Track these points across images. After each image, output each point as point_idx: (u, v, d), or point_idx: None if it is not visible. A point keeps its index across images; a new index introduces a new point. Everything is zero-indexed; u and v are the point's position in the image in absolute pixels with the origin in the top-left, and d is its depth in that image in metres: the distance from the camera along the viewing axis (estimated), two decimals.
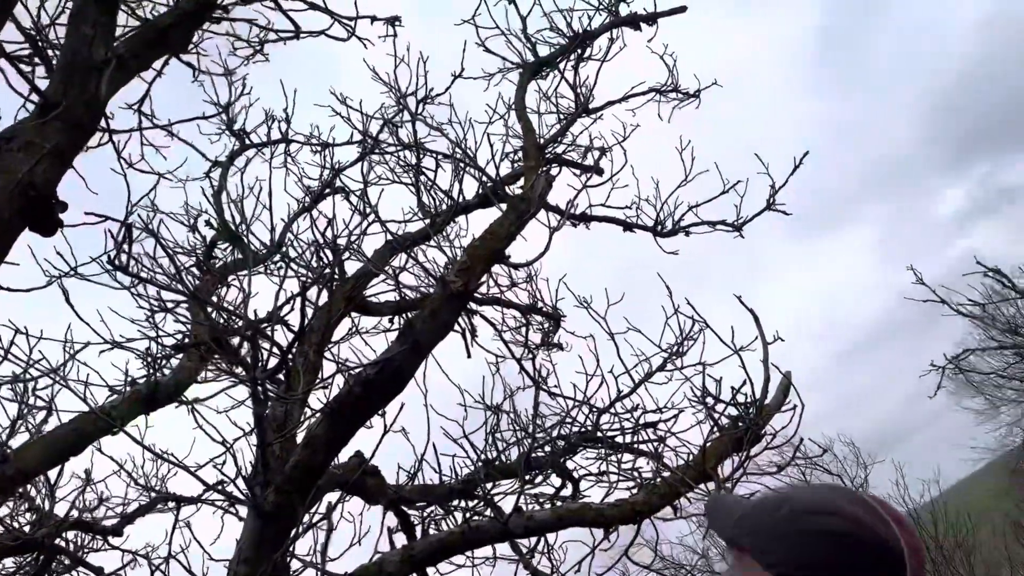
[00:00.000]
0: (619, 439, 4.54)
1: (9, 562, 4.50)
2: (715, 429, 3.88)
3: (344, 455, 3.83)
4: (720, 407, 3.87)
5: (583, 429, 4.61)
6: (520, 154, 5.29)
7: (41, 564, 4.41)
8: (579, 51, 5.68)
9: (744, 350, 3.95)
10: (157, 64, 3.55)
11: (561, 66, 5.70)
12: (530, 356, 5.94)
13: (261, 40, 4.69)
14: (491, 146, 4.84)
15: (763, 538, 1.14)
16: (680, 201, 5.30)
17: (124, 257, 3.48)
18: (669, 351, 4.52)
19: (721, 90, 5.99)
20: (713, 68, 6.18)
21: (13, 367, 3.55)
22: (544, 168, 4.73)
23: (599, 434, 4.60)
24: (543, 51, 5.69)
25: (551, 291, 6.54)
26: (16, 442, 3.85)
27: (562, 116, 5.72)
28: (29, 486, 4.30)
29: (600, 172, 5.62)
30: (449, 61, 5.35)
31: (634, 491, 3.94)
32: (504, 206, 4.15)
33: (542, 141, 5.24)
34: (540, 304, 6.18)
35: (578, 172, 5.78)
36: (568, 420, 4.65)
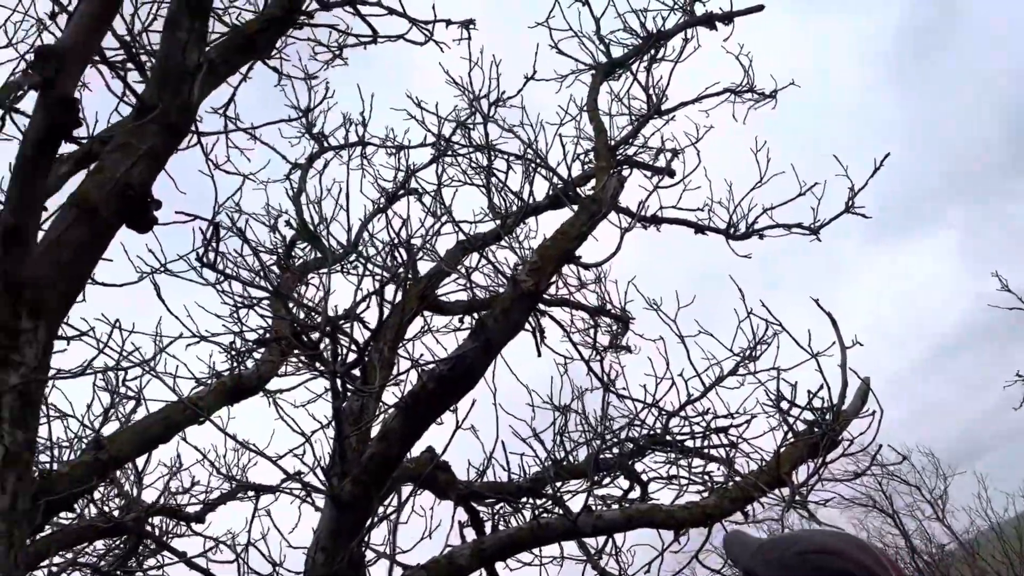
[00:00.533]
0: (689, 443, 4.50)
1: (99, 544, 4.73)
2: (790, 434, 3.82)
3: (415, 450, 3.91)
4: (795, 412, 3.80)
5: (652, 432, 4.59)
6: (591, 155, 5.31)
7: (129, 547, 4.62)
8: (652, 52, 5.66)
9: (821, 355, 3.87)
10: (243, 68, 3.71)
11: (634, 67, 5.69)
12: (598, 358, 5.95)
13: (340, 45, 4.83)
14: (563, 147, 4.87)
15: (775, 569, 1.25)
16: (754, 203, 5.23)
17: (212, 255, 3.65)
18: (742, 355, 4.46)
19: (798, 90, 5.88)
20: (790, 67, 6.08)
21: (107, 359, 3.75)
22: (616, 169, 4.73)
23: (668, 437, 4.57)
24: (616, 52, 5.69)
25: (620, 293, 6.51)
26: (107, 430, 4.07)
27: (634, 117, 5.71)
28: (119, 472, 4.52)
29: (672, 174, 5.59)
30: (522, 63, 5.41)
31: (704, 495, 3.90)
32: (575, 207, 4.17)
33: (613, 142, 5.24)
34: (608, 306, 6.17)
35: (649, 174, 5.76)
36: (637, 422, 4.64)
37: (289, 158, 5.63)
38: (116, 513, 4.54)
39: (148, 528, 4.59)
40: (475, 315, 5.32)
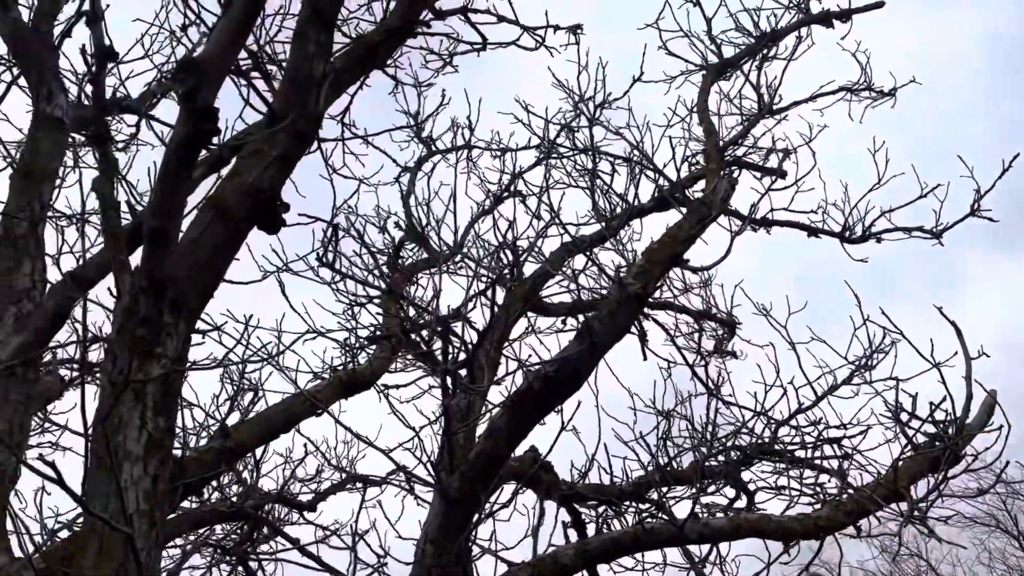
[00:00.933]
0: (799, 453, 4.39)
1: (218, 528, 5.01)
2: (908, 447, 3.66)
3: (519, 449, 3.97)
4: (915, 424, 3.65)
5: (760, 441, 4.50)
6: (700, 157, 5.24)
7: (247, 532, 4.88)
8: (765, 51, 5.54)
9: (943, 365, 3.70)
10: (362, 77, 3.85)
11: (745, 67, 5.58)
12: (703, 363, 5.86)
13: (451, 53, 4.95)
14: (671, 149, 4.81)
15: None
16: (871, 206, 5.05)
17: (330, 255, 3.82)
18: (857, 363, 4.31)
19: (919, 88, 5.63)
20: (910, 64, 5.83)
21: (232, 354, 3.97)
22: (726, 171, 4.66)
23: (777, 447, 4.47)
24: (727, 52, 5.60)
25: (726, 297, 6.38)
26: (229, 421, 4.31)
27: (744, 118, 5.60)
28: (239, 462, 4.77)
29: (784, 175, 5.45)
30: (629, 66, 5.39)
31: (816, 507, 3.80)
32: (683, 209, 4.14)
33: (723, 143, 5.16)
34: (715, 310, 6.07)
35: (760, 175, 5.64)
36: (744, 430, 4.55)
37: (399, 162, 5.80)
38: (236, 499, 4.80)
39: (264, 515, 4.84)
40: (579, 317, 5.35)
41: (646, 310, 5.75)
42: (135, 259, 2.65)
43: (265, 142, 2.78)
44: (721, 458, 4.55)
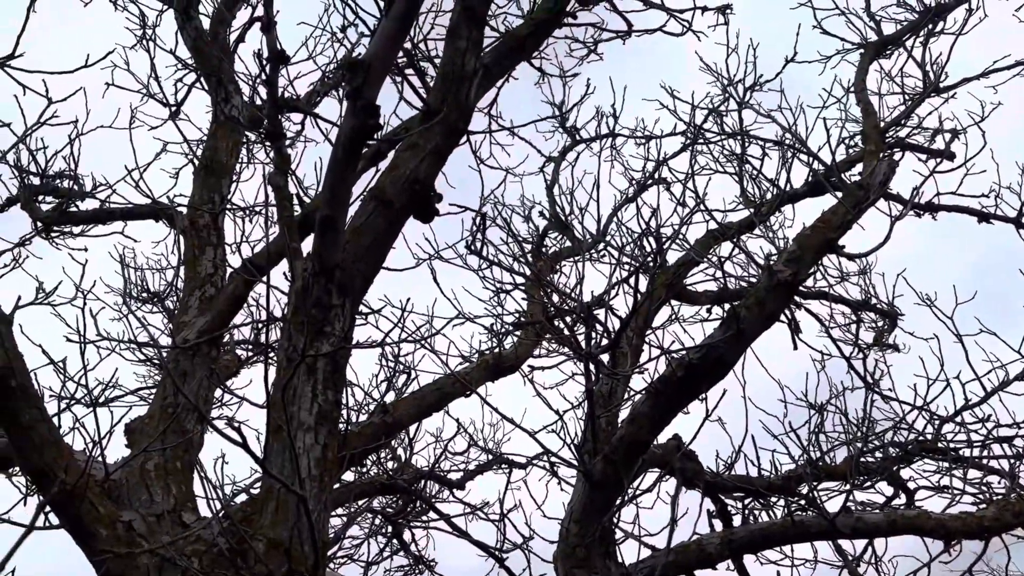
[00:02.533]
0: (965, 451, 4.14)
1: (374, 503, 5.32)
2: None
3: (662, 437, 3.98)
4: None
5: (921, 437, 4.27)
6: (858, 139, 5.00)
7: (402, 505, 5.17)
8: (930, 26, 5.20)
9: None
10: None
11: (908, 43, 5.26)
12: (860, 356, 5.59)
13: (596, 41, 4.97)
14: (826, 131, 4.61)
15: None
16: None
17: (478, 243, 3.97)
18: None
19: None
20: None
21: (389, 337, 4.20)
22: (886, 153, 4.43)
23: (941, 444, 4.23)
24: (887, 29, 5.31)
25: (887, 286, 6.05)
26: (386, 399, 4.57)
27: (907, 97, 5.29)
28: (394, 441, 5.05)
29: (951, 157, 5.12)
30: (781, 46, 5.22)
31: (981, 507, 3.57)
32: (839, 194, 3.98)
33: (883, 124, 4.90)
34: (874, 300, 5.78)
35: (924, 157, 5.32)
36: (903, 426, 4.34)
37: (544, 152, 5.89)
38: (392, 474, 5.08)
39: (417, 490, 5.09)
40: (725, 306, 5.25)
41: (799, 299, 5.56)
42: (305, 246, 2.89)
43: (420, 136, 2.94)
44: (878, 454, 4.36)
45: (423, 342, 3.68)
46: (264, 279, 2.77)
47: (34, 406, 2.71)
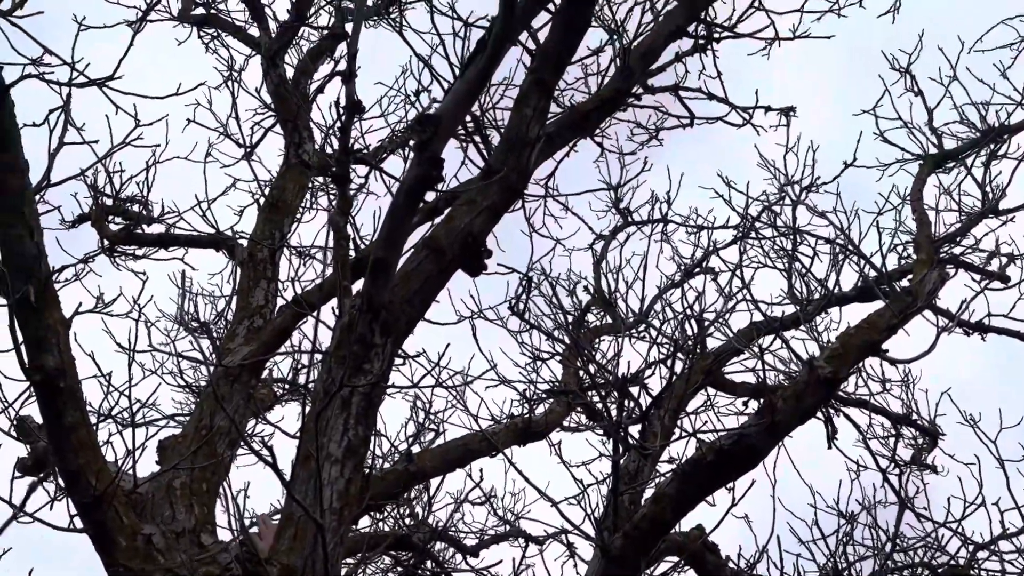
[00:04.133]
0: None
1: (385, 558, 5.27)
2: None
3: (685, 525, 3.91)
4: None
5: (954, 561, 4.13)
6: (910, 249, 5.00)
7: (413, 563, 5.10)
8: (991, 146, 5.23)
9: None
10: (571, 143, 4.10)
11: (968, 161, 5.30)
12: (896, 471, 5.45)
13: (658, 127, 5.12)
14: (879, 237, 4.63)
15: None
16: None
17: (522, 305, 4.04)
18: None
19: None
20: None
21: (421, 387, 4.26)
22: (937, 265, 4.42)
23: (973, 571, 4.08)
24: (948, 144, 5.36)
25: (929, 403, 5.93)
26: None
27: (963, 214, 5.29)
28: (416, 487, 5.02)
29: (1005, 280, 5.08)
30: (840, 150, 5.29)
31: None
32: (887, 300, 3.98)
33: (937, 237, 4.90)
34: (915, 415, 5.66)
35: (977, 276, 5.28)
36: (936, 548, 4.20)
37: (595, 228, 5.99)
38: (407, 527, 5.03)
39: (430, 549, 5.03)
40: (760, 400, 5.19)
41: (838, 404, 5.48)
42: (355, 287, 2.99)
43: (478, 193, 3.06)
44: (906, 573, 4.21)
45: (455, 394, 3.72)
46: (313, 313, 2.86)
47: (78, 409, 2.81)
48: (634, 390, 4.09)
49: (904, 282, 4.87)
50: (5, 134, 2.61)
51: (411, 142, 4.37)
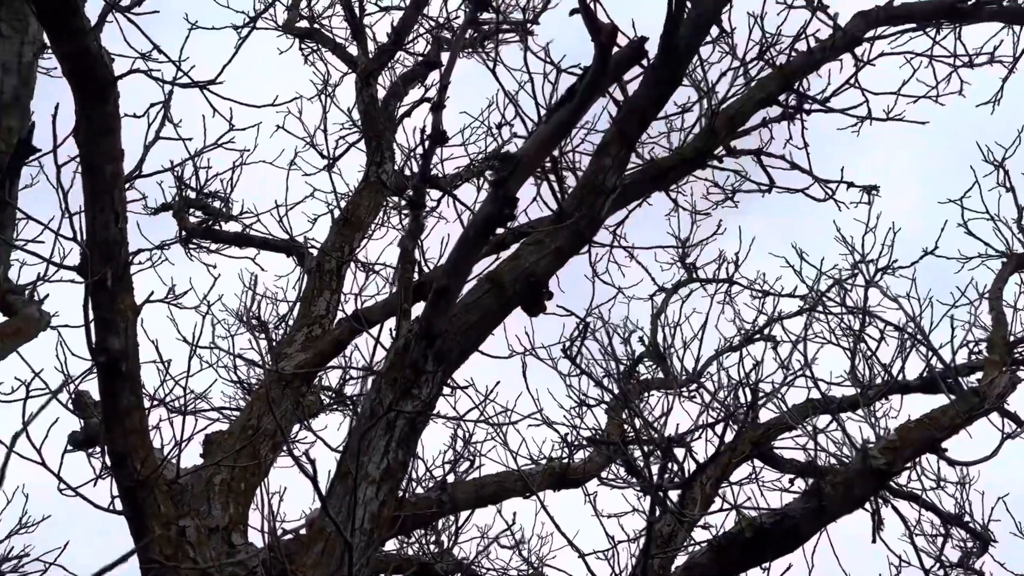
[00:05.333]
0: None
1: None
2: None
3: None
4: None
5: None
6: (983, 347, 4.82)
7: None
8: None
9: None
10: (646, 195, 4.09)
11: None
12: (941, 572, 5.21)
13: (735, 189, 5.07)
14: (952, 330, 4.47)
15: None
16: None
17: (575, 349, 4.02)
18: None
19: None
20: None
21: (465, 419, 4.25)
22: (1010, 368, 4.25)
23: None
24: None
25: (984, 506, 5.66)
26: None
27: None
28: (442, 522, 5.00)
29: None
30: (921, 235, 5.16)
31: None
32: (952, 396, 3.84)
33: (1013, 338, 4.71)
34: (967, 518, 5.41)
35: None
36: None
37: (658, 280, 5.94)
38: (432, 557, 5.00)
39: None
40: (809, 480, 5.03)
41: (888, 493, 5.28)
42: (414, 309, 3.02)
43: (547, 234, 3.07)
44: None
45: (497, 431, 3.70)
46: (370, 331, 2.90)
47: (135, 393, 2.89)
48: (678, 452, 4.01)
49: (972, 379, 4.70)
50: (107, 122, 2.73)
51: (488, 175, 4.44)
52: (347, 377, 5.06)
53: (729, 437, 4.36)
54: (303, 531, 3.10)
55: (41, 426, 2.44)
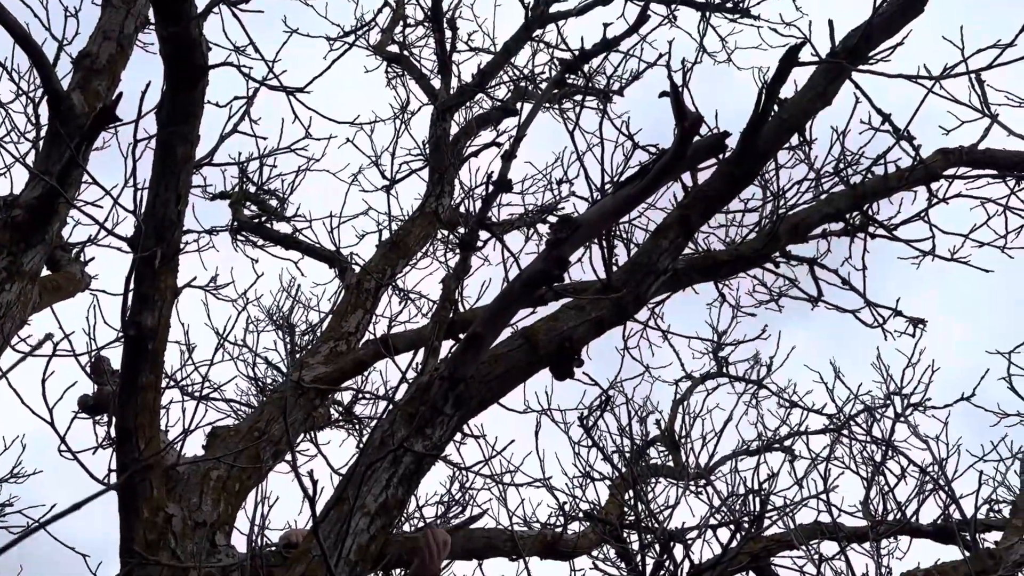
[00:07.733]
0: None
1: None
2: None
3: None
4: None
5: None
6: (1006, 508, 4.66)
7: None
8: None
9: None
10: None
11: None
12: None
13: (781, 293, 5.01)
14: (978, 485, 4.33)
15: None
16: None
17: (592, 419, 3.96)
18: None
19: None
20: None
21: (468, 470, 4.19)
22: None
23: None
24: None
25: None
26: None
27: None
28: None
29: None
30: (960, 378, 5.04)
31: None
32: (966, 553, 3.70)
33: None
34: None
35: None
36: None
37: (687, 366, 5.87)
38: None
39: None
40: None
41: None
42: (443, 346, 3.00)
43: (590, 303, 3.05)
44: None
45: (499, 489, 3.64)
46: (397, 364, 2.88)
47: (154, 373, 2.90)
48: (676, 548, 3.90)
49: (989, 539, 4.54)
50: (191, 107, 2.79)
51: (544, 232, 4.44)
52: (360, 397, 5.05)
53: (730, 543, 4.24)
54: (280, 546, 3.06)
55: (57, 386, 2.45)
